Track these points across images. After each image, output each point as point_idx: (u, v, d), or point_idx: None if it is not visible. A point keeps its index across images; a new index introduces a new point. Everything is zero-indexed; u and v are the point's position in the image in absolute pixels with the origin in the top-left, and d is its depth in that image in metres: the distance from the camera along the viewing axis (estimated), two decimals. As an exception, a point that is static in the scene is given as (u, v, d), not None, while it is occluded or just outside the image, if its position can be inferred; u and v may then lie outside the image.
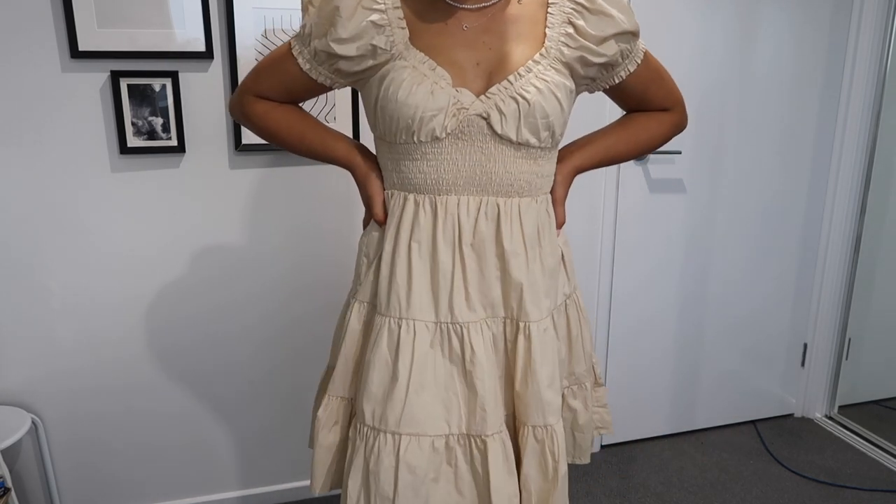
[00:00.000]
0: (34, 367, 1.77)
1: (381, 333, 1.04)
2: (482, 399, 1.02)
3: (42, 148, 1.65)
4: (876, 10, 2.21)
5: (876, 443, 2.39)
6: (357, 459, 1.04)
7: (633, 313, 2.29)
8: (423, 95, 0.96)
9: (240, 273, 1.86)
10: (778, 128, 2.27)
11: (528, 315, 1.04)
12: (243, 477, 2.02)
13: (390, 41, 0.98)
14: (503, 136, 0.99)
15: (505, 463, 1.05)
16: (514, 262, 1.03)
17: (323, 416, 1.12)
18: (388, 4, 0.98)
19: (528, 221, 1.05)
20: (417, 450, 1.02)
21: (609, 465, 2.28)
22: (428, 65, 0.98)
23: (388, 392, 1.02)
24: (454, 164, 1.01)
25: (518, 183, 1.03)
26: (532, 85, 0.98)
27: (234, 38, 1.68)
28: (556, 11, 1.02)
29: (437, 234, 1.02)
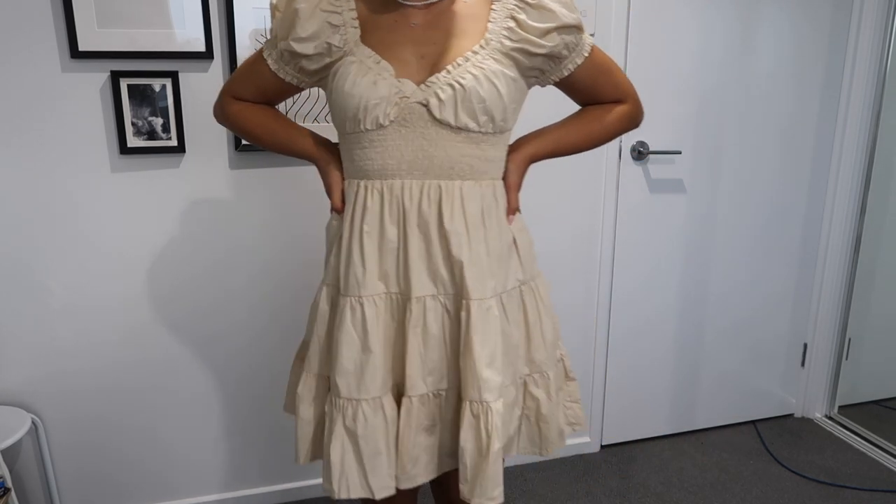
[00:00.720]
0: (34, 368, 1.77)
1: (344, 312, 1.11)
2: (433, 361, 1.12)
3: (42, 148, 1.65)
4: (876, 10, 2.21)
5: (876, 443, 2.39)
6: (337, 429, 1.11)
7: (633, 313, 2.29)
8: (366, 86, 1.04)
9: (240, 273, 1.86)
10: (778, 128, 2.27)
11: (469, 293, 1.09)
12: (243, 477, 2.02)
13: (343, 39, 1.08)
14: (442, 121, 1.05)
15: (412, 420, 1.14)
16: (454, 241, 1.09)
17: (303, 391, 1.20)
18: (343, 6, 1.08)
19: (471, 203, 1.10)
20: (392, 402, 1.13)
21: (609, 465, 2.28)
22: (373, 59, 1.06)
23: (363, 364, 1.10)
24: (398, 150, 1.08)
25: (459, 166, 1.09)
26: (468, 72, 1.05)
27: (234, 38, 1.68)
28: (499, 8, 1.09)
29: (385, 216, 1.09)
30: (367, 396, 1.10)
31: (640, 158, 2.14)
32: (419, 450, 1.14)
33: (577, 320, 2.22)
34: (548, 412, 1.21)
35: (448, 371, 1.13)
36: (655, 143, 2.15)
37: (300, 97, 1.76)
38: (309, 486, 2.08)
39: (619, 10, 1.99)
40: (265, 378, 1.96)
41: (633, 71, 2.06)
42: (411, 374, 1.11)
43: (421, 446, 1.14)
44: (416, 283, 1.10)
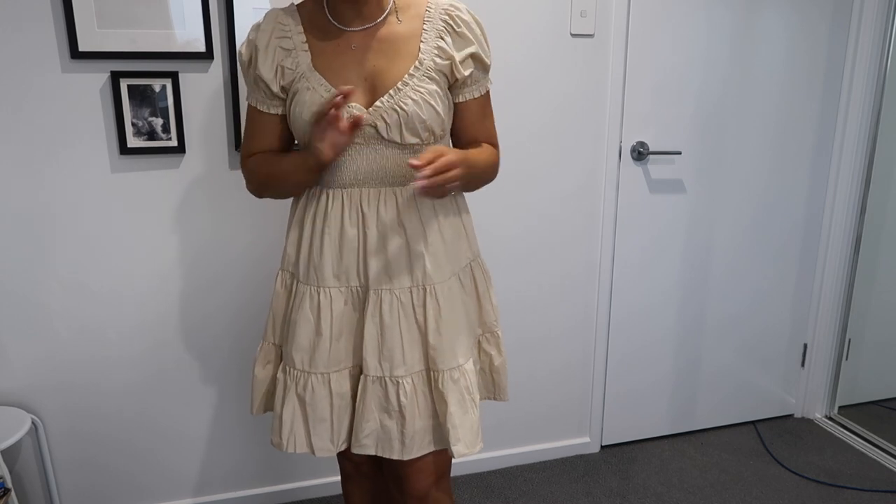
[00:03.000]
0: (34, 368, 1.77)
1: (303, 298, 1.27)
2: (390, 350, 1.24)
3: (42, 148, 1.65)
4: (876, 10, 2.21)
5: (876, 443, 2.39)
6: (290, 395, 1.28)
7: (632, 314, 2.29)
8: None
9: (240, 273, 1.86)
10: (778, 127, 2.27)
11: (433, 278, 1.25)
12: (244, 477, 2.02)
13: (295, 62, 1.21)
14: (390, 140, 1.20)
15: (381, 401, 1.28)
16: (413, 238, 1.24)
17: (259, 355, 1.38)
18: (293, 31, 1.22)
19: (425, 203, 1.25)
20: (343, 380, 1.29)
21: (609, 465, 2.28)
22: (324, 87, 1.19)
23: (315, 344, 1.26)
24: (354, 164, 1.22)
25: (409, 174, 1.22)
26: (409, 97, 1.18)
27: (234, 39, 1.68)
28: (430, 28, 1.22)
29: (345, 220, 1.23)
30: (317, 371, 1.27)
31: (640, 159, 2.14)
32: (374, 424, 1.27)
33: (576, 320, 2.22)
34: (499, 364, 1.43)
35: (406, 359, 1.25)
36: (655, 144, 2.15)
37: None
38: (309, 486, 2.08)
39: (619, 10, 1.99)
40: (265, 378, 1.96)
41: (633, 71, 2.06)
42: (367, 357, 1.25)
43: (377, 422, 1.27)
44: (374, 278, 1.24)
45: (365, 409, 1.26)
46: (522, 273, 2.11)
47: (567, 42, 1.97)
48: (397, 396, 1.25)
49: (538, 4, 1.92)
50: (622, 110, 2.09)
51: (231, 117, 1.75)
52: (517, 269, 2.10)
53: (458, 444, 1.25)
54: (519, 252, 2.09)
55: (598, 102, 2.06)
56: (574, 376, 2.27)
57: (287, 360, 1.30)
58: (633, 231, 2.20)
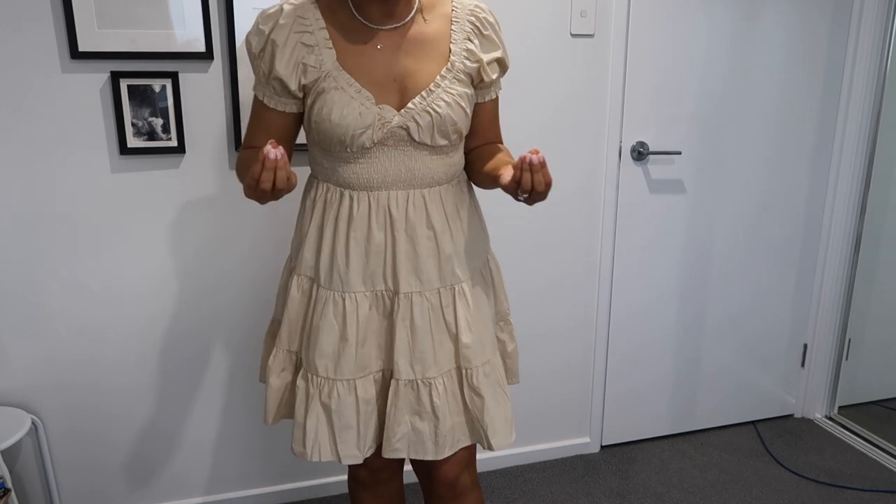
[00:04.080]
0: (34, 368, 1.77)
1: (326, 304, 1.24)
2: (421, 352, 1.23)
3: (42, 148, 1.65)
4: (876, 10, 2.21)
5: (876, 443, 2.39)
6: (313, 404, 1.25)
7: (632, 314, 2.29)
8: (353, 117, 1.14)
9: (240, 273, 1.86)
10: (778, 127, 2.27)
11: (461, 277, 1.26)
12: (243, 477, 2.02)
13: (319, 60, 1.16)
14: (420, 142, 1.19)
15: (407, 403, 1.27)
16: (442, 238, 1.24)
17: (273, 364, 1.33)
18: (315, 26, 1.16)
19: (449, 202, 1.26)
20: (368, 386, 1.27)
21: (609, 465, 2.28)
22: (354, 87, 1.16)
23: (340, 351, 1.23)
24: (382, 166, 1.20)
25: (437, 175, 1.23)
26: (442, 99, 1.18)
27: (234, 39, 1.68)
28: (458, 29, 1.22)
29: (372, 223, 1.21)
30: (342, 378, 1.24)
31: (640, 159, 2.14)
32: (406, 428, 1.25)
33: (576, 320, 2.22)
34: (512, 350, 1.46)
35: (437, 361, 1.25)
36: (655, 144, 2.15)
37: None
38: (309, 486, 2.08)
39: (619, 10, 1.99)
40: (265, 378, 1.96)
41: (633, 71, 2.06)
42: (399, 361, 1.24)
43: (408, 426, 1.25)
44: (404, 281, 1.22)
45: (397, 412, 1.24)
46: (522, 272, 2.11)
47: (567, 42, 1.97)
48: (430, 398, 1.24)
49: (538, 4, 1.92)
50: (622, 110, 2.09)
51: (231, 117, 1.75)
52: (517, 268, 2.09)
53: (496, 436, 1.27)
54: (519, 252, 2.09)
55: (598, 102, 2.06)
56: (574, 376, 2.27)
57: (309, 367, 1.26)
58: (633, 231, 2.20)
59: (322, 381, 1.25)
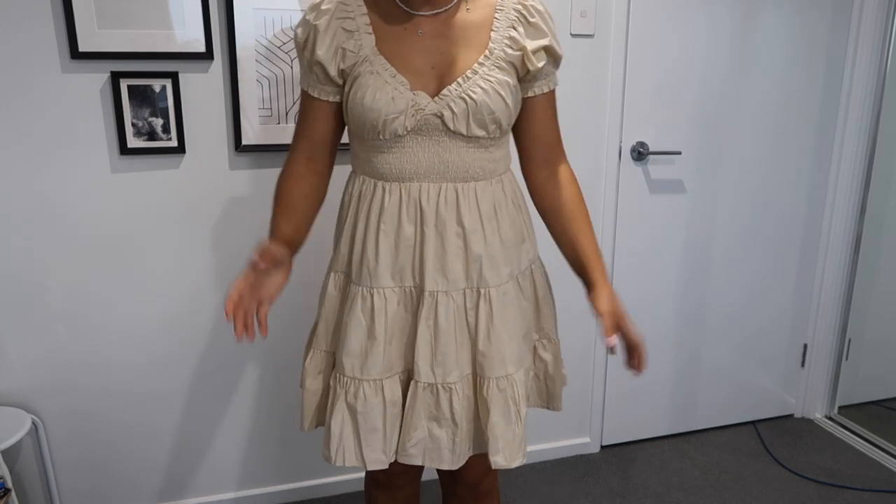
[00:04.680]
0: (34, 368, 1.77)
1: (355, 300, 1.20)
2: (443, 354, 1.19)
3: (42, 149, 1.65)
4: (876, 10, 2.21)
5: (876, 443, 2.39)
6: (339, 404, 1.21)
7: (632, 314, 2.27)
8: (385, 101, 1.11)
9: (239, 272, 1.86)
10: (778, 128, 2.27)
11: (488, 282, 1.20)
12: (243, 477, 2.02)
13: (358, 44, 1.14)
14: (455, 131, 1.14)
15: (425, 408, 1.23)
16: (472, 238, 1.18)
17: (309, 366, 1.29)
18: (356, 12, 1.14)
19: (485, 201, 1.19)
20: (395, 386, 1.22)
21: (609, 465, 2.28)
22: (389, 72, 1.13)
23: (368, 349, 1.19)
24: (415, 156, 1.16)
25: (472, 170, 1.18)
26: (478, 86, 1.12)
27: (234, 39, 1.68)
28: (501, 17, 1.16)
29: (402, 216, 1.17)
30: (369, 378, 1.19)
31: (640, 159, 2.14)
32: (422, 433, 1.21)
33: (576, 321, 2.22)
34: (554, 372, 1.35)
35: (458, 364, 1.20)
36: (655, 144, 2.15)
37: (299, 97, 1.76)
38: (309, 486, 2.08)
39: (619, 10, 1.99)
40: (267, 378, 1.96)
41: (633, 71, 2.06)
42: (419, 362, 1.19)
43: (425, 431, 1.21)
44: (430, 279, 1.17)
45: (414, 416, 1.20)
46: (522, 273, 2.11)
47: (567, 42, 1.97)
48: (450, 403, 1.19)
49: (538, 4, 1.92)
50: (622, 110, 2.09)
51: (231, 117, 1.75)
52: (517, 269, 2.09)
53: (498, 455, 1.21)
54: (519, 252, 2.09)
55: (598, 102, 2.06)
56: (574, 376, 2.27)
57: (338, 366, 1.23)
58: (632, 231, 2.20)
59: (348, 381, 1.20)
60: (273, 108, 1.75)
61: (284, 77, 1.74)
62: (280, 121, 1.77)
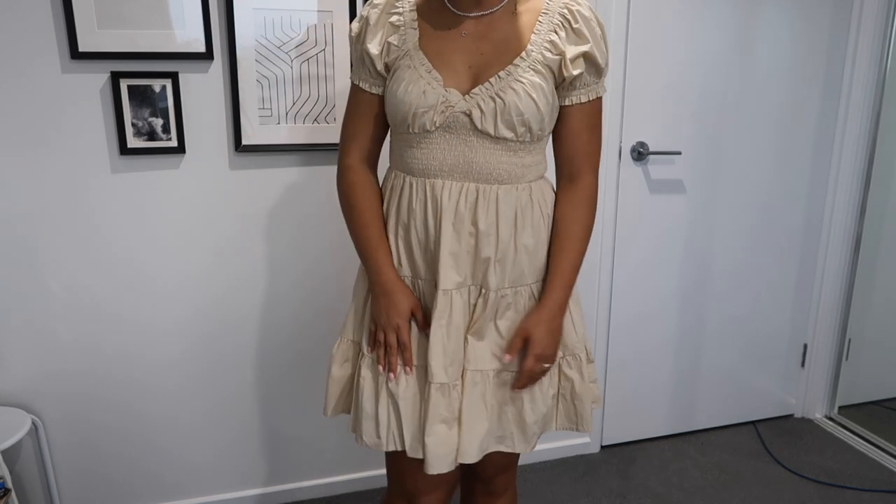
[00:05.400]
0: (34, 368, 1.77)
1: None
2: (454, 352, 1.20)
3: (42, 149, 1.65)
4: (876, 10, 2.21)
5: (876, 443, 2.39)
6: (382, 392, 1.22)
7: (632, 314, 2.29)
8: (416, 94, 1.13)
9: (240, 273, 1.86)
10: (778, 128, 2.27)
11: (489, 284, 1.20)
12: (243, 477, 2.02)
13: (402, 39, 1.17)
14: (482, 130, 1.14)
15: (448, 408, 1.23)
16: (484, 240, 1.17)
17: (337, 353, 1.31)
18: (405, 9, 1.18)
19: (506, 205, 1.18)
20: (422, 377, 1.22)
21: (609, 465, 2.28)
22: (425, 67, 1.14)
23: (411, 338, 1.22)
24: (441, 153, 1.16)
25: (497, 172, 1.17)
26: (510, 87, 1.12)
27: (234, 39, 1.68)
28: (545, 20, 1.15)
29: (427, 211, 1.18)
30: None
31: (640, 159, 2.14)
32: (433, 438, 1.19)
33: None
34: (581, 391, 1.30)
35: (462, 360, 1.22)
36: (655, 144, 2.15)
37: (299, 97, 1.76)
38: (310, 486, 2.08)
39: (619, 10, 1.99)
40: (267, 378, 1.96)
41: (633, 71, 2.06)
42: (432, 363, 1.18)
43: (436, 436, 1.19)
44: (444, 277, 1.17)
45: (429, 419, 1.19)
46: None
47: (567, 42, 1.97)
48: (460, 402, 1.21)
49: (538, 4, 1.92)
50: (622, 110, 2.09)
51: (231, 117, 1.75)
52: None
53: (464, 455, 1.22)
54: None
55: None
56: (574, 376, 2.27)
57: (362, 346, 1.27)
58: (633, 231, 2.20)
59: (371, 360, 1.24)
60: (273, 108, 1.75)
61: (284, 77, 1.74)
62: (280, 121, 1.77)
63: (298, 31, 1.72)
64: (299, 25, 1.72)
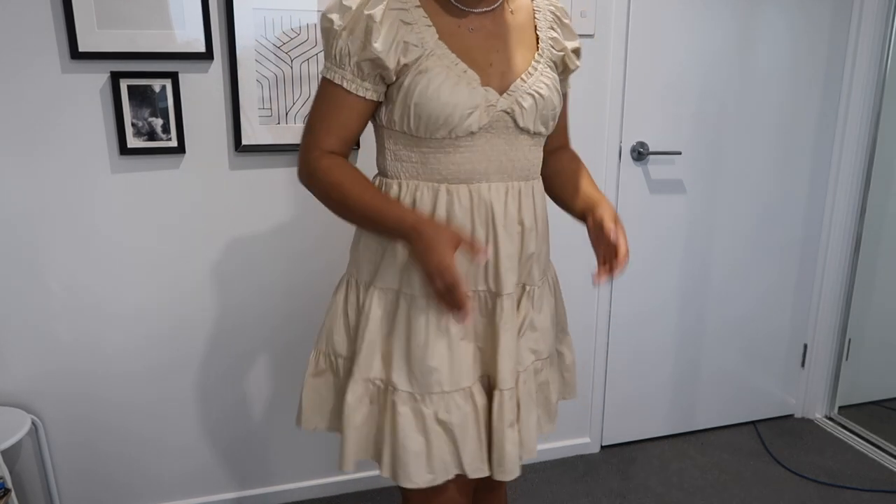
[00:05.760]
0: (34, 368, 1.77)
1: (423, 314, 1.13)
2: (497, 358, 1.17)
3: (42, 149, 1.65)
4: (876, 10, 2.21)
5: (876, 443, 2.39)
6: (429, 424, 1.13)
7: (632, 314, 2.29)
8: (463, 96, 1.07)
9: (239, 273, 1.86)
10: (778, 128, 2.27)
11: (534, 279, 1.21)
12: (243, 477, 2.02)
13: (420, 38, 1.07)
14: (524, 128, 1.14)
15: None
16: (528, 236, 1.17)
17: (352, 400, 1.17)
18: (410, 3, 1.08)
19: (539, 200, 1.21)
20: (480, 390, 1.20)
21: (609, 465, 2.28)
22: (460, 66, 1.08)
23: (451, 360, 1.14)
24: (485, 155, 1.12)
25: (533, 167, 1.19)
26: (542, 83, 1.13)
27: (234, 39, 1.68)
28: (541, 18, 1.18)
29: (474, 219, 1.13)
30: (458, 388, 1.15)
31: (640, 159, 2.14)
32: (510, 444, 1.18)
33: (576, 321, 2.22)
34: (570, 363, 1.41)
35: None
36: (655, 144, 2.15)
37: (299, 97, 1.76)
38: (310, 486, 2.08)
39: (619, 10, 1.99)
40: (266, 379, 1.96)
41: (632, 71, 2.06)
42: (502, 370, 1.16)
43: (511, 440, 1.18)
44: (507, 281, 1.15)
45: (504, 427, 1.17)
46: (522, 273, 2.11)
47: (567, 42, 1.97)
48: (517, 405, 1.20)
49: (538, 4, 1.92)
50: (622, 110, 2.09)
51: (231, 117, 1.75)
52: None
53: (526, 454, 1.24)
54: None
55: (598, 102, 2.06)
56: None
57: (415, 386, 1.14)
58: (633, 231, 2.20)
59: (436, 398, 1.14)
60: (273, 108, 1.75)
61: (284, 77, 1.74)
62: (280, 121, 1.77)
63: (298, 31, 1.72)
64: (299, 25, 1.72)
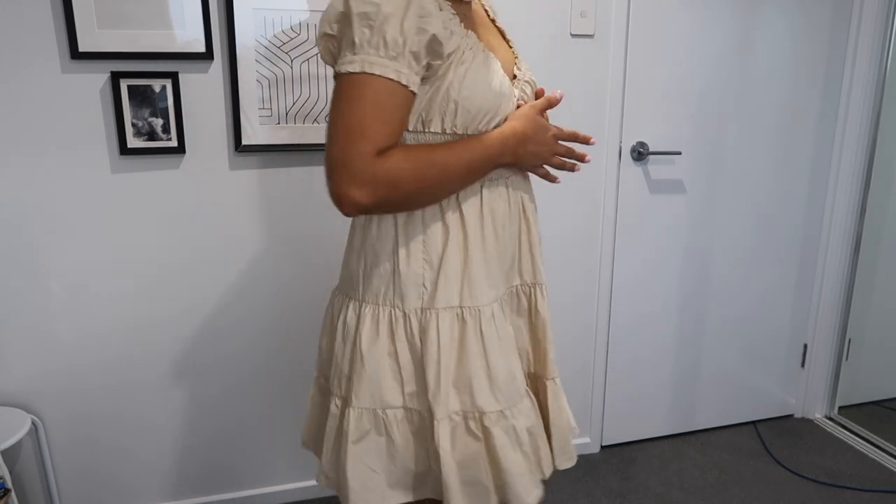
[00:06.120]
0: (34, 368, 1.77)
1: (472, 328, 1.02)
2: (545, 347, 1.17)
3: (42, 149, 1.65)
4: (876, 10, 2.21)
5: (876, 443, 2.39)
6: (500, 442, 1.04)
7: (632, 314, 2.29)
8: (507, 84, 1.02)
9: (239, 273, 1.86)
10: (778, 128, 2.27)
11: (542, 277, 1.17)
12: (243, 477, 2.02)
13: (454, 24, 0.97)
14: None
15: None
16: (534, 230, 1.15)
17: (446, 444, 1.04)
18: None
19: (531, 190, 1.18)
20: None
21: (609, 465, 2.28)
22: (490, 55, 1.01)
23: (511, 369, 1.06)
24: None
25: None
26: (528, 70, 1.13)
27: (234, 39, 1.68)
28: (490, 12, 1.17)
29: (511, 213, 1.09)
30: (521, 394, 1.08)
31: (640, 159, 2.14)
32: (568, 431, 1.20)
33: (576, 321, 2.22)
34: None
35: None
36: (655, 144, 2.15)
37: (299, 97, 1.76)
38: (310, 486, 2.08)
39: (619, 10, 1.99)
40: (266, 379, 1.96)
41: (633, 71, 2.06)
42: (550, 359, 1.16)
43: (568, 427, 1.21)
44: (539, 270, 1.14)
45: (561, 416, 1.18)
46: (522, 273, 2.11)
47: (567, 42, 1.97)
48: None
49: (538, 5, 1.92)
50: (622, 110, 2.09)
51: (231, 117, 1.75)
52: (517, 269, 2.09)
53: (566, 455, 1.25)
54: (519, 252, 2.09)
55: (598, 102, 2.06)
56: (575, 376, 2.27)
57: (505, 399, 1.05)
58: (633, 231, 2.20)
59: (497, 416, 1.04)
60: (273, 109, 1.75)
61: (284, 77, 1.74)
62: (280, 121, 1.77)
63: (298, 31, 1.72)
64: (299, 25, 1.72)
